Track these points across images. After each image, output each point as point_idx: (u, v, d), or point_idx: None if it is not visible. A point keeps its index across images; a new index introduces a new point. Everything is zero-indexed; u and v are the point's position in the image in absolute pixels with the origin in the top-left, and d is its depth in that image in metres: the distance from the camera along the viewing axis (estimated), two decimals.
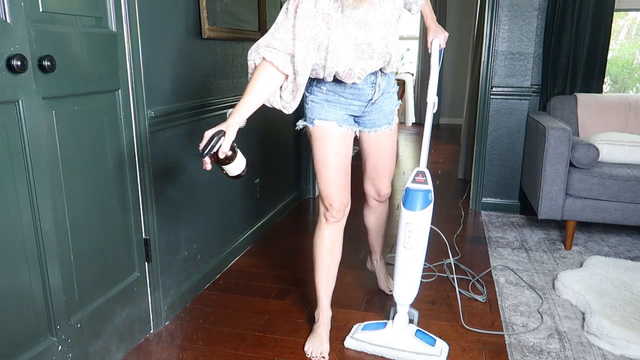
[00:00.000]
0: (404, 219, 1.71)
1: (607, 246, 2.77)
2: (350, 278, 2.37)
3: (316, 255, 1.81)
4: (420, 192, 1.68)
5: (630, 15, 5.83)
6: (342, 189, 1.77)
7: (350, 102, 1.71)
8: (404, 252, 1.73)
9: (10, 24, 1.24)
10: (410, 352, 1.75)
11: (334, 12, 1.52)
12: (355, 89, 1.68)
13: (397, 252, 1.77)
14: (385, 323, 1.85)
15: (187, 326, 1.97)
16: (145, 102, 1.77)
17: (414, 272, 1.76)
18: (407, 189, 1.70)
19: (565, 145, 2.58)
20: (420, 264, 1.75)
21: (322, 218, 1.80)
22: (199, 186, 2.21)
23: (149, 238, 1.86)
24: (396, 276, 1.79)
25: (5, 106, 1.26)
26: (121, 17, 1.63)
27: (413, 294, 1.79)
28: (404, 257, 1.74)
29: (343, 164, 1.76)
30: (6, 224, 1.29)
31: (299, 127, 1.78)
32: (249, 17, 2.56)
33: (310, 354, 1.77)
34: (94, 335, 1.61)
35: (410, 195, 1.69)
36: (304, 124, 1.75)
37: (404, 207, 1.71)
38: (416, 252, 1.72)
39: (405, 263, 1.75)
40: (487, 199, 3.40)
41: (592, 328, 1.87)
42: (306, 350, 1.79)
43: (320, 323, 1.85)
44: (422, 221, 1.69)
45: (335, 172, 1.74)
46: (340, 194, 1.77)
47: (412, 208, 1.69)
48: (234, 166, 1.48)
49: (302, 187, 3.64)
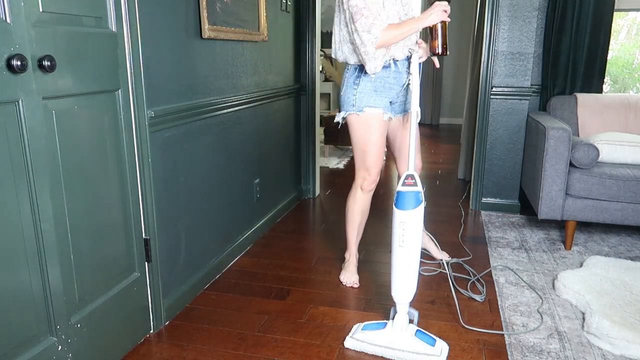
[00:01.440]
0: (397, 218, 1.76)
1: (607, 246, 2.77)
2: None
3: (350, 215, 2.30)
4: (412, 193, 1.75)
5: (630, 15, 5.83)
6: (380, 164, 2.19)
7: (392, 87, 2.06)
8: (400, 250, 1.77)
9: (10, 24, 1.24)
10: (410, 352, 1.75)
11: None
12: (397, 74, 2.05)
13: (392, 252, 1.80)
14: (385, 323, 1.85)
15: (187, 326, 1.97)
16: (145, 102, 1.77)
17: (411, 270, 1.79)
18: (399, 192, 1.77)
19: (565, 145, 2.58)
20: (416, 262, 1.79)
21: (357, 188, 2.24)
22: (199, 186, 2.21)
23: (149, 238, 1.86)
24: (393, 276, 1.81)
25: (5, 106, 1.26)
26: (121, 17, 1.63)
27: (411, 293, 1.81)
28: (400, 256, 1.78)
29: (384, 144, 2.18)
30: (6, 224, 1.29)
31: (340, 120, 2.15)
32: (249, 17, 2.56)
33: (345, 282, 2.31)
34: (94, 335, 1.61)
35: (402, 197, 1.76)
36: (348, 113, 2.09)
37: (396, 208, 1.76)
38: (411, 250, 1.77)
39: (402, 261, 1.78)
40: (487, 199, 3.40)
41: (592, 328, 1.87)
42: (342, 279, 2.33)
43: (350, 262, 2.37)
44: (415, 220, 1.75)
45: (378, 149, 2.14)
46: (378, 168, 2.19)
47: (404, 208, 1.75)
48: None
49: (302, 187, 3.64)
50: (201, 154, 2.21)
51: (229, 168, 2.48)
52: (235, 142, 2.53)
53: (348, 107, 2.09)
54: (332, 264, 2.53)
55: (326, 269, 2.48)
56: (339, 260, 2.57)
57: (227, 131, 2.42)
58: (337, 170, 4.61)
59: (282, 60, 3.09)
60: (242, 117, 2.57)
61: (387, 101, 2.07)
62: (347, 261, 2.39)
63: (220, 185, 2.40)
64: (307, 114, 3.48)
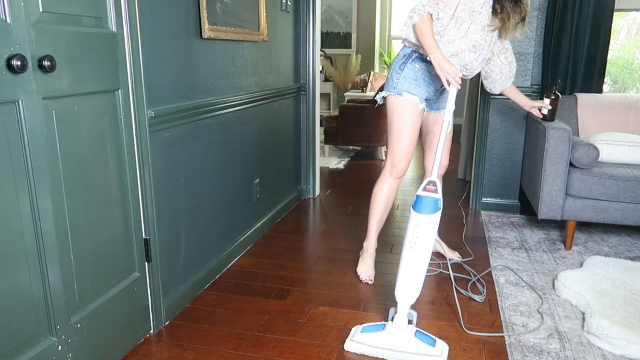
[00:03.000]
0: (413, 220, 1.78)
1: (607, 246, 2.77)
2: (350, 278, 2.37)
3: (376, 201, 2.31)
4: (431, 198, 1.78)
5: (630, 15, 5.83)
6: (410, 155, 2.23)
7: (429, 83, 2.15)
8: (410, 252, 1.78)
9: (10, 24, 1.24)
10: (412, 353, 1.74)
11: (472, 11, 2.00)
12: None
13: (402, 253, 1.81)
14: (384, 324, 1.85)
15: (187, 326, 1.97)
16: (145, 102, 1.77)
17: (418, 273, 1.79)
18: (418, 196, 1.80)
19: (565, 145, 2.58)
20: (424, 266, 1.80)
21: (387, 175, 2.27)
22: (199, 186, 2.21)
23: (149, 238, 1.86)
24: (400, 276, 1.81)
25: (5, 106, 1.26)
26: (121, 17, 1.63)
27: (415, 295, 1.80)
28: (410, 257, 1.78)
29: (416, 134, 2.22)
30: (6, 224, 1.29)
31: (380, 100, 2.24)
32: (249, 17, 2.56)
33: (361, 276, 2.32)
34: (94, 335, 1.61)
35: (421, 201, 1.79)
36: (388, 94, 2.17)
37: (414, 210, 1.79)
38: (421, 253, 1.78)
39: (410, 263, 1.78)
40: (487, 199, 3.40)
41: (592, 328, 1.87)
42: (358, 272, 2.35)
43: (368, 252, 2.37)
44: (430, 224, 1.76)
45: (411, 137, 2.19)
46: (409, 156, 2.23)
47: (421, 211, 1.77)
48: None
49: (302, 187, 3.64)
50: (201, 154, 2.21)
51: (229, 168, 2.48)
52: (235, 142, 2.53)
53: (390, 89, 2.18)
54: (332, 264, 2.53)
55: (326, 269, 2.48)
56: (339, 260, 2.57)
57: (227, 131, 2.42)
58: (337, 170, 4.61)
59: (282, 60, 3.09)
60: (242, 117, 2.57)
61: (424, 93, 2.16)
62: (365, 251, 2.38)
63: (220, 185, 2.40)
64: (307, 114, 3.48)
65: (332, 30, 7.20)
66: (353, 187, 3.98)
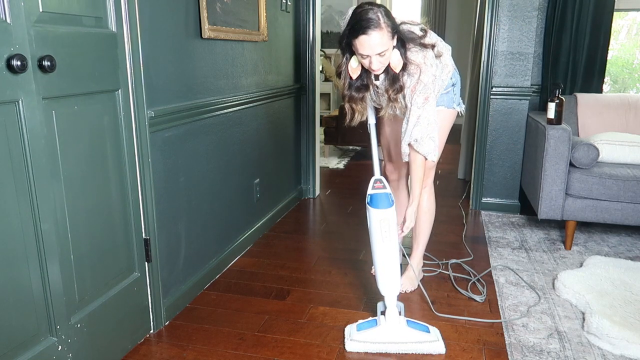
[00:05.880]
0: (376, 217, 1.86)
1: (607, 246, 2.77)
2: (350, 278, 2.37)
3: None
4: (384, 194, 1.87)
5: (630, 15, 5.83)
6: None
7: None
8: (383, 245, 1.86)
9: (10, 24, 1.24)
10: (413, 342, 1.80)
11: None
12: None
13: (374, 249, 1.89)
14: (376, 320, 1.90)
15: (187, 326, 1.97)
16: (145, 102, 1.77)
17: (395, 263, 1.88)
18: (372, 194, 1.88)
19: (565, 145, 2.58)
20: (397, 255, 1.90)
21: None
22: (198, 186, 2.21)
23: (149, 238, 1.86)
24: (380, 271, 1.88)
25: (5, 106, 1.26)
26: (121, 17, 1.63)
27: (398, 285, 1.89)
28: (384, 251, 1.87)
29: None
30: (6, 224, 1.29)
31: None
32: (249, 17, 2.56)
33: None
34: (94, 335, 1.61)
35: (377, 198, 1.87)
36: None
37: (374, 208, 1.86)
38: (393, 244, 1.87)
39: (386, 256, 1.86)
40: (487, 199, 3.40)
41: (592, 328, 1.87)
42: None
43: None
44: (392, 217, 1.87)
45: None
46: None
47: (381, 207, 1.85)
48: None
49: (302, 187, 3.64)
50: (201, 154, 2.21)
51: (229, 168, 2.48)
52: (235, 142, 2.53)
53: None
54: (332, 264, 2.53)
55: (326, 269, 2.48)
56: (339, 260, 2.57)
57: (227, 131, 2.42)
58: (337, 170, 4.61)
59: (282, 60, 3.09)
60: (242, 117, 2.57)
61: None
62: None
63: (220, 185, 2.40)
64: (307, 114, 3.48)
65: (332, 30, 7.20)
66: (353, 187, 3.98)
